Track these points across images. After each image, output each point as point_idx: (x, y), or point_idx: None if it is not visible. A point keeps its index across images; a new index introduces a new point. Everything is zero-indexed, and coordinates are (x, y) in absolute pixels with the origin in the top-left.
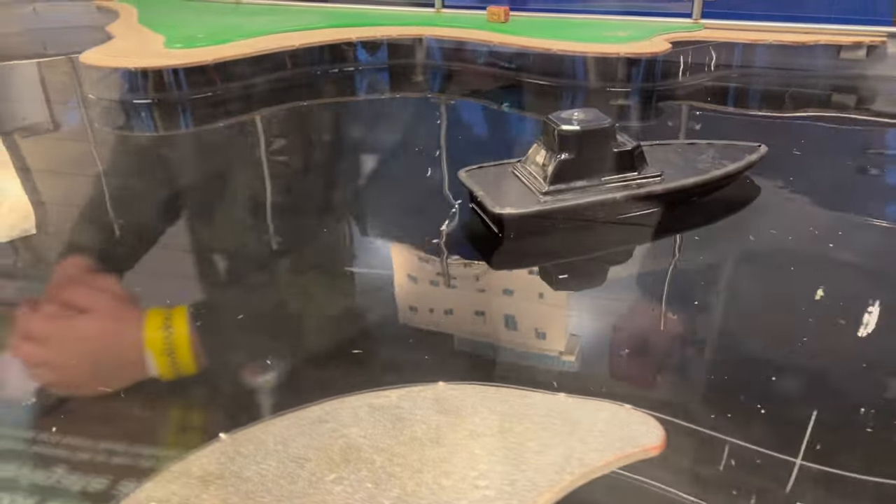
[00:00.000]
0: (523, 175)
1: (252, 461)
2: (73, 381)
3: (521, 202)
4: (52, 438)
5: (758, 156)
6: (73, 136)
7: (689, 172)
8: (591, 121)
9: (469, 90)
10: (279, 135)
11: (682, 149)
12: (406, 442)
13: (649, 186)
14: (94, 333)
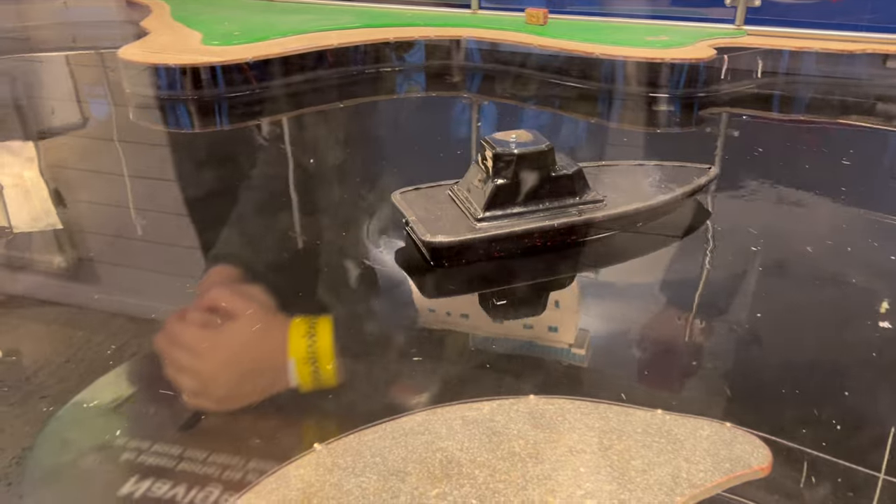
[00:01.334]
0: (459, 198)
1: (351, 473)
2: (207, 390)
3: (454, 228)
4: (164, 449)
5: (707, 179)
6: (117, 132)
7: (635, 196)
8: (529, 143)
9: (506, 92)
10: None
11: (629, 171)
12: (505, 457)
13: (590, 213)
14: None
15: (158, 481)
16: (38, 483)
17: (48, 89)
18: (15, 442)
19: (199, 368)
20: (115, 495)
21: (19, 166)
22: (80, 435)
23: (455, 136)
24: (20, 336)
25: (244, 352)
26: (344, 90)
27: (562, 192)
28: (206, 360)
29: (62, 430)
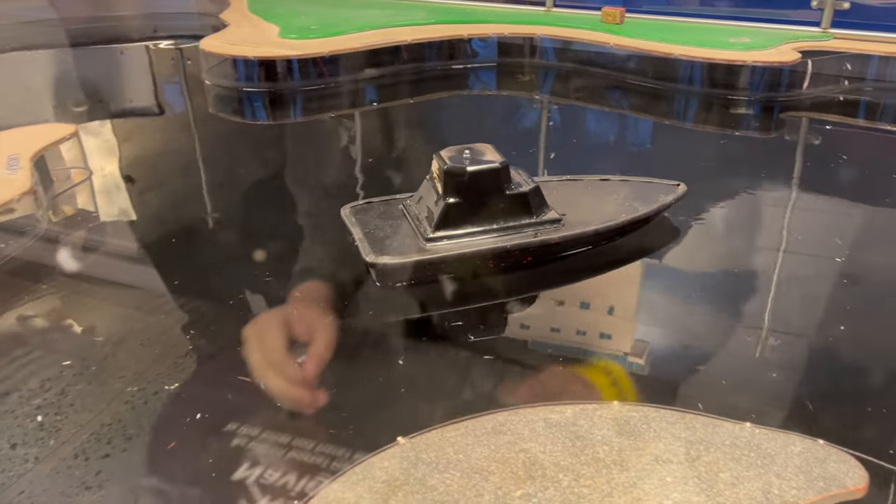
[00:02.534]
0: (412, 215)
1: (435, 469)
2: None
3: (402, 248)
4: (246, 432)
5: (674, 197)
6: (195, 122)
7: (596, 215)
8: (483, 160)
9: (579, 92)
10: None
11: (593, 187)
12: (589, 462)
13: (546, 233)
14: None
15: (239, 466)
16: (117, 461)
17: (130, 79)
18: (93, 419)
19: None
20: (193, 477)
21: (103, 154)
22: (158, 416)
23: (523, 135)
24: (100, 316)
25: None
26: (416, 86)
27: (517, 211)
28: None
29: (142, 410)
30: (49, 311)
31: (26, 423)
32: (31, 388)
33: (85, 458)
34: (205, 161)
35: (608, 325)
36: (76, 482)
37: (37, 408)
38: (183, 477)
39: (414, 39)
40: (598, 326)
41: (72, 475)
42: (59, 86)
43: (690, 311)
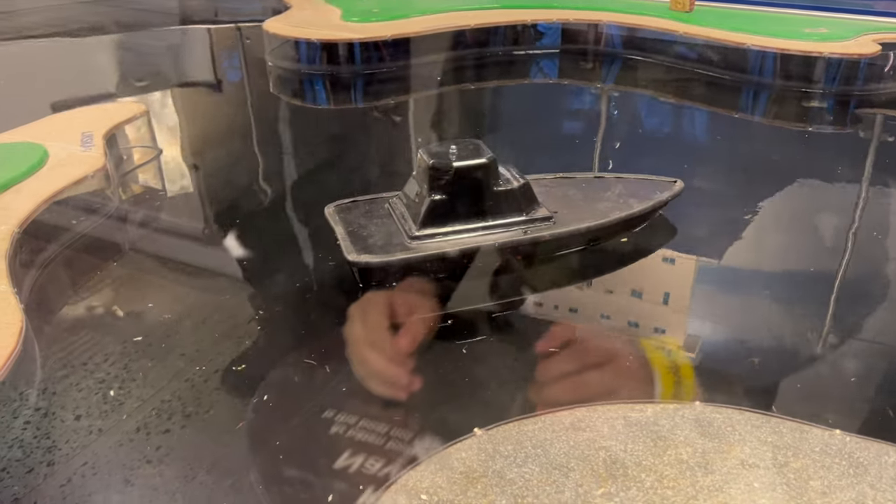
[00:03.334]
0: (397, 213)
1: (513, 462)
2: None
3: (386, 247)
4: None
5: (670, 194)
6: (257, 103)
7: (589, 213)
8: (469, 155)
9: (644, 81)
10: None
11: (586, 184)
12: (672, 464)
13: (536, 231)
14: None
15: (303, 449)
16: (177, 437)
17: (193, 59)
18: (154, 395)
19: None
20: (253, 458)
21: (171, 133)
22: (218, 395)
23: (584, 125)
24: (165, 295)
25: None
26: (477, 71)
27: (506, 208)
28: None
29: (202, 389)
30: (116, 287)
31: (91, 395)
32: (95, 363)
33: (146, 432)
34: (266, 143)
35: (664, 318)
36: (137, 455)
37: (101, 381)
38: (243, 457)
39: (477, 24)
40: (655, 320)
41: (133, 449)
42: (126, 66)
43: (757, 310)
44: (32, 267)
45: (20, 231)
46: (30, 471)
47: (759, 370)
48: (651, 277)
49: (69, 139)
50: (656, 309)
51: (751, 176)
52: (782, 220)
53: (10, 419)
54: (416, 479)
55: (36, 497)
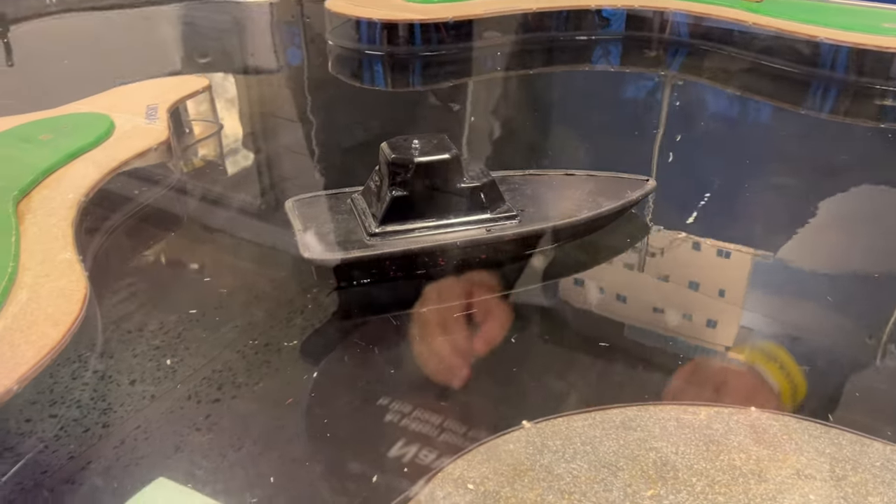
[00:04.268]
0: (359, 209)
1: (561, 458)
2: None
3: (344, 244)
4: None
5: (641, 193)
6: (314, 81)
7: (557, 212)
8: (432, 151)
9: (709, 72)
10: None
11: (557, 182)
12: (725, 469)
13: (500, 230)
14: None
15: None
16: (226, 407)
17: (254, 35)
18: (207, 365)
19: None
20: (298, 434)
21: (230, 108)
22: (267, 368)
23: (644, 115)
24: (220, 267)
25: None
26: (538, 56)
27: (470, 205)
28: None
29: (252, 361)
30: (174, 258)
31: (146, 362)
32: (151, 330)
33: (197, 400)
34: (321, 122)
35: (719, 314)
36: (188, 423)
37: (156, 349)
38: (290, 432)
39: (539, 8)
40: (711, 314)
41: (184, 416)
42: (188, 40)
43: (816, 314)
44: (97, 235)
45: (87, 200)
46: (86, 430)
47: (818, 378)
48: (707, 273)
49: (135, 111)
50: (713, 303)
51: (814, 175)
52: (848, 221)
53: (70, 380)
54: (462, 469)
55: (91, 456)
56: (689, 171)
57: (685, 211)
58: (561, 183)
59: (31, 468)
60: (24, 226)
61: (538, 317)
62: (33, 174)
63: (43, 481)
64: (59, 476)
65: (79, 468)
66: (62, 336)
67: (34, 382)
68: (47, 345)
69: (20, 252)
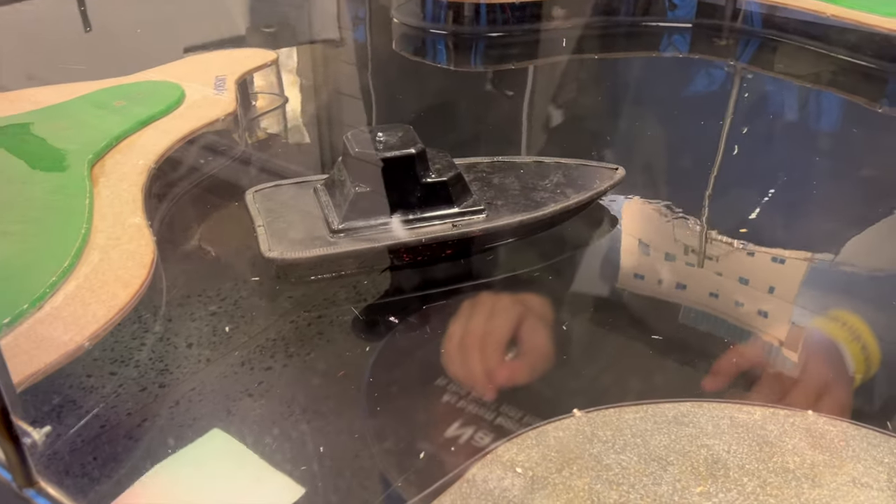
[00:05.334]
0: (321, 201)
1: (611, 448)
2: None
3: (305, 241)
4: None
5: (610, 183)
6: (377, 58)
7: (523, 204)
8: (398, 144)
9: (782, 64)
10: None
11: (525, 170)
12: (777, 471)
13: (465, 226)
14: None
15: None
16: (277, 375)
17: (321, 10)
18: (261, 333)
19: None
20: (347, 408)
21: (295, 82)
22: (319, 340)
23: (710, 105)
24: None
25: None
26: (603, 41)
27: (435, 200)
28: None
29: (305, 332)
30: (236, 227)
31: (203, 326)
32: (209, 296)
33: (250, 367)
34: (383, 99)
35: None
36: (240, 388)
37: (213, 314)
38: (340, 403)
39: None
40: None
41: (237, 381)
42: (256, 13)
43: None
44: (164, 201)
45: (156, 167)
46: (143, 389)
47: (881, 385)
48: (759, 272)
49: (204, 81)
50: (762, 297)
51: (887, 172)
52: None
53: (130, 340)
54: (512, 452)
55: (146, 414)
56: (753, 166)
57: (746, 207)
58: (529, 172)
59: (92, 422)
60: (97, 189)
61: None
62: (107, 139)
63: (101, 435)
64: (118, 431)
65: (135, 425)
66: (130, 297)
67: (100, 340)
68: (116, 305)
69: (93, 214)
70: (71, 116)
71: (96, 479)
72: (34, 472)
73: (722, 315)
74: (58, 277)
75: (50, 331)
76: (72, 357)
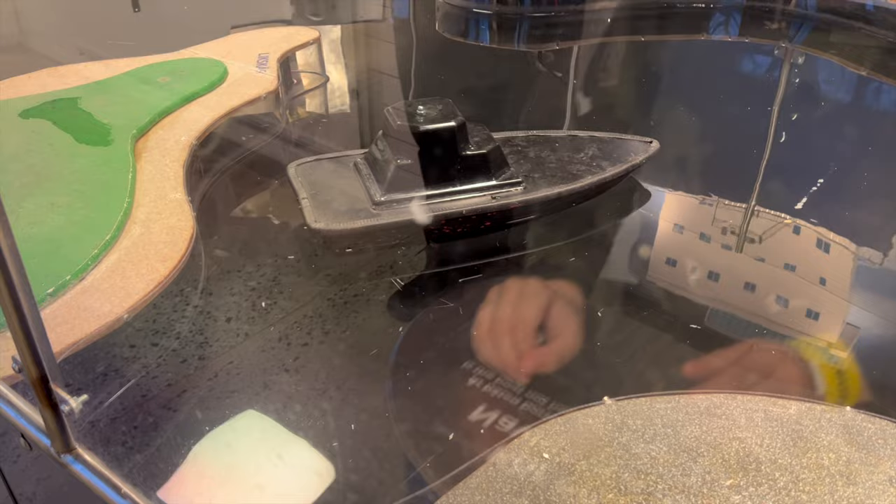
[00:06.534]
0: (364, 173)
1: (640, 438)
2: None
3: (349, 213)
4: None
5: (645, 156)
6: (420, 39)
7: (560, 177)
8: (437, 117)
9: (835, 49)
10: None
11: (560, 144)
12: (811, 467)
13: (504, 198)
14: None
15: (430, 389)
16: (314, 351)
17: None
18: (299, 309)
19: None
20: (379, 387)
21: (336, 61)
22: (355, 318)
23: (758, 90)
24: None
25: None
26: (651, 23)
27: (475, 172)
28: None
29: (341, 310)
30: (275, 204)
31: (242, 301)
32: (249, 271)
33: (287, 342)
34: (424, 78)
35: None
36: (277, 363)
37: (252, 290)
38: (373, 382)
39: None
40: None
41: (274, 356)
42: None
43: None
44: (205, 177)
45: (198, 143)
46: (183, 361)
47: None
48: (812, 264)
49: (247, 59)
50: (810, 289)
51: None
52: None
53: (171, 312)
54: (539, 437)
55: (186, 385)
56: (803, 154)
57: (793, 194)
58: (564, 145)
59: (133, 391)
60: (140, 164)
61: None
62: (150, 115)
63: (143, 404)
64: (158, 401)
65: (175, 395)
66: (169, 272)
67: (141, 312)
68: (155, 279)
69: (136, 189)
70: (117, 92)
71: (134, 447)
72: (72, 439)
73: (756, 310)
74: (99, 250)
75: (91, 301)
76: (111, 328)
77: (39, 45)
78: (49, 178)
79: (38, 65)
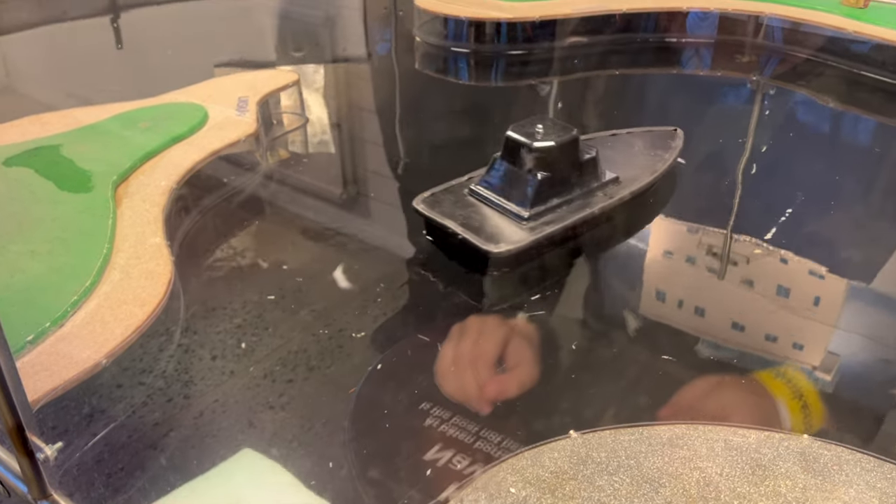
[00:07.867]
0: (486, 198)
1: (605, 470)
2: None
3: (506, 233)
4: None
5: (680, 142)
6: (401, 76)
7: (637, 168)
8: (558, 130)
9: (804, 81)
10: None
11: (611, 142)
12: (769, 495)
13: (616, 193)
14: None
15: (407, 427)
16: (299, 387)
17: (346, 30)
18: (283, 346)
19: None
20: (360, 423)
21: (317, 102)
22: (339, 354)
23: (731, 122)
24: (300, 253)
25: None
26: (624, 58)
27: (587, 176)
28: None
29: (326, 345)
30: (256, 245)
31: (227, 339)
32: (234, 309)
33: (272, 379)
34: (405, 117)
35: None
36: (262, 400)
37: (237, 327)
38: (353, 419)
39: (629, 8)
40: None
41: (259, 393)
42: (280, 33)
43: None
44: (185, 220)
45: (178, 187)
46: (169, 400)
47: (873, 408)
48: (799, 286)
49: (227, 103)
50: (795, 320)
51: None
52: None
53: (157, 352)
54: (505, 472)
55: (172, 424)
56: (773, 183)
57: (764, 224)
58: (615, 142)
59: (119, 431)
60: (120, 209)
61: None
62: (131, 161)
63: (129, 444)
64: (144, 441)
65: (161, 435)
66: (147, 316)
67: (127, 351)
68: (133, 323)
69: (115, 235)
70: (99, 138)
71: (119, 489)
72: (48, 485)
73: (743, 343)
74: (79, 297)
75: (69, 348)
76: (89, 374)
77: (26, 89)
78: (30, 226)
79: (25, 108)
